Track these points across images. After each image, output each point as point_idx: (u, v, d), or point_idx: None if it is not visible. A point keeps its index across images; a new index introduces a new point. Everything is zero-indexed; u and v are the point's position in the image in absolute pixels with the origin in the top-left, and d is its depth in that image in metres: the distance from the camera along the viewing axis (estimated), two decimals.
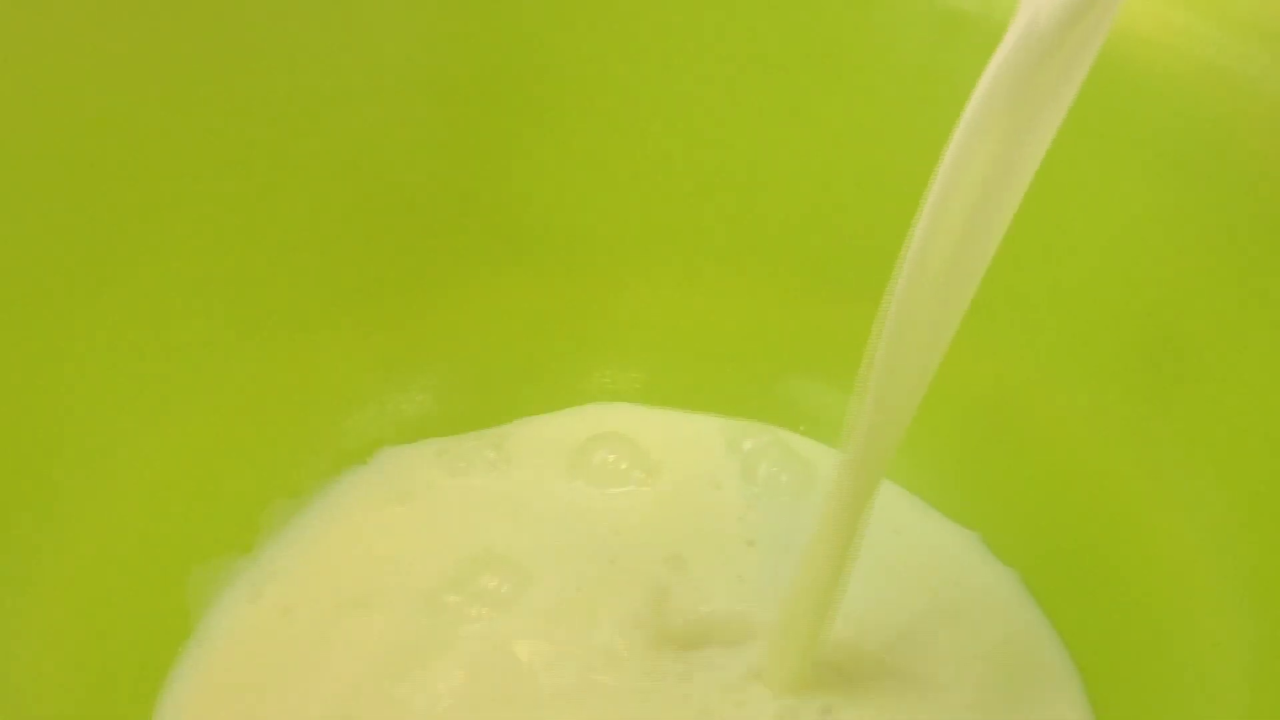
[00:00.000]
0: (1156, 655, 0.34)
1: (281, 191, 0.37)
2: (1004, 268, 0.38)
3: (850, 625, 0.36)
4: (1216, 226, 0.34)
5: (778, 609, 0.34)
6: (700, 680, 0.35)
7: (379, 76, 0.37)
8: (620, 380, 0.43)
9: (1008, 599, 0.38)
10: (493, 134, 0.39)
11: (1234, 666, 0.32)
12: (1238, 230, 0.33)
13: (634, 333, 0.42)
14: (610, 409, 0.42)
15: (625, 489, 0.40)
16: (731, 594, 0.37)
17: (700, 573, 0.37)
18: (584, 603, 0.36)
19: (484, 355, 0.42)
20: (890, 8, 0.36)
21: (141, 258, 0.35)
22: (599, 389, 0.42)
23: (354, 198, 0.38)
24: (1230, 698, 0.31)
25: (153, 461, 0.35)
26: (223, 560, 0.37)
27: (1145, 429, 0.35)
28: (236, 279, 0.37)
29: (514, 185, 0.40)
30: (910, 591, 0.38)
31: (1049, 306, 0.37)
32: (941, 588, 0.38)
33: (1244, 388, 0.33)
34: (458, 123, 0.38)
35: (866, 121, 0.38)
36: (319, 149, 0.37)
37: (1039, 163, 0.27)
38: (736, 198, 0.40)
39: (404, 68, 0.38)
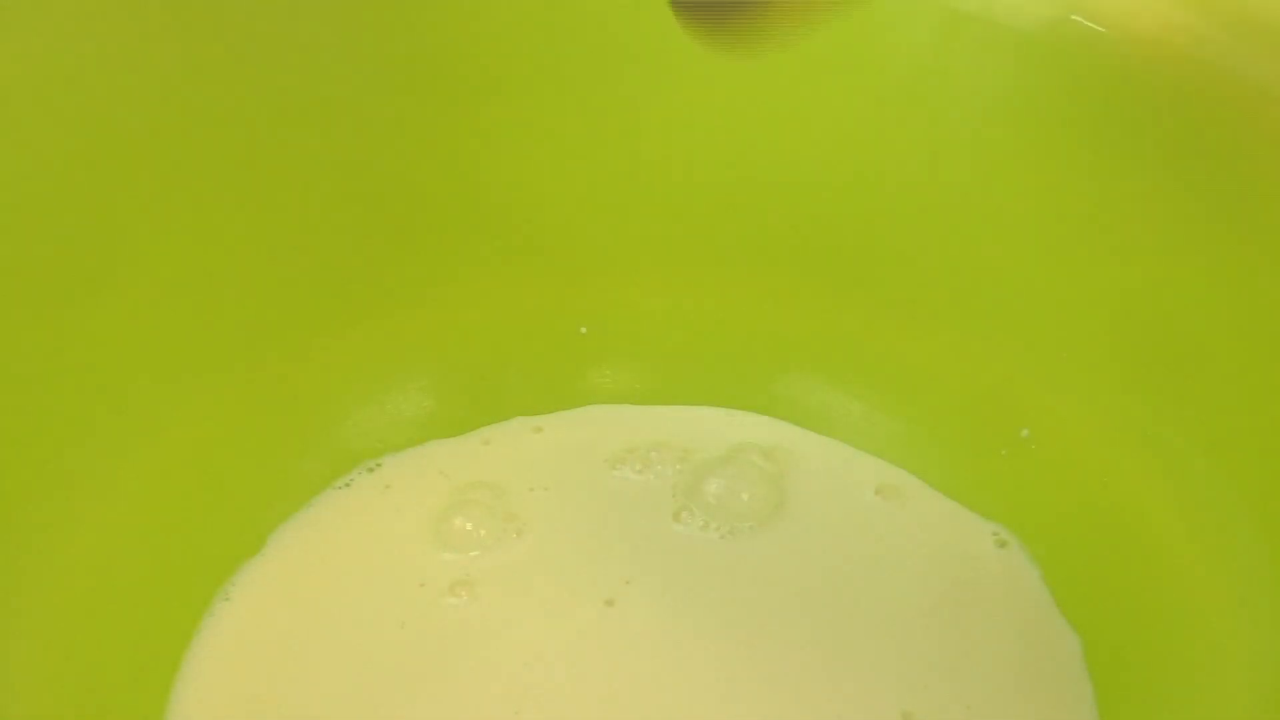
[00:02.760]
0: (1161, 646, 0.34)
1: (281, 193, 0.37)
2: (1009, 269, 0.38)
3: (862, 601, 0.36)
4: (1216, 226, 0.34)
5: None
6: None
7: (378, 77, 0.37)
8: (619, 380, 0.42)
9: (1022, 590, 0.38)
10: (492, 135, 0.39)
11: (1240, 661, 0.32)
12: (1237, 230, 0.33)
13: (633, 333, 0.42)
14: (609, 410, 0.42)
15: (625, 488, 0.40)
16: None
17: None
18: (582, 591, 0.37)
19: (484, 356, 0.42)
20: (890, 8, 0.36)
21: (142, 261, 0.35)
22: (598, 389, 0.42)
23: (354, 199, 0.38)
24: (1237, 692, 0.31)
25: (155, 466, 0.35)
26: (228, 562, 0.37)
27: (1150, 426, 0.35)
28: (237, 281, 0.37)
29: (514, 186, 0.39)
30: (926, 580, 0.38)
31: (1051, 306, 0.37)
32: (957, 578, 0.38)
33: (1246, 386, 0.33)
34: (457, 124, 0.38)
35: (866, 121, 0.38)
36: (318, 150, 0.37)
37: None
38: (736, 197, 0.40)
39: (403, 68, 0.37)
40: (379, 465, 0.40)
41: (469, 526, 0.38)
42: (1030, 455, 0.39)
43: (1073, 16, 0.34)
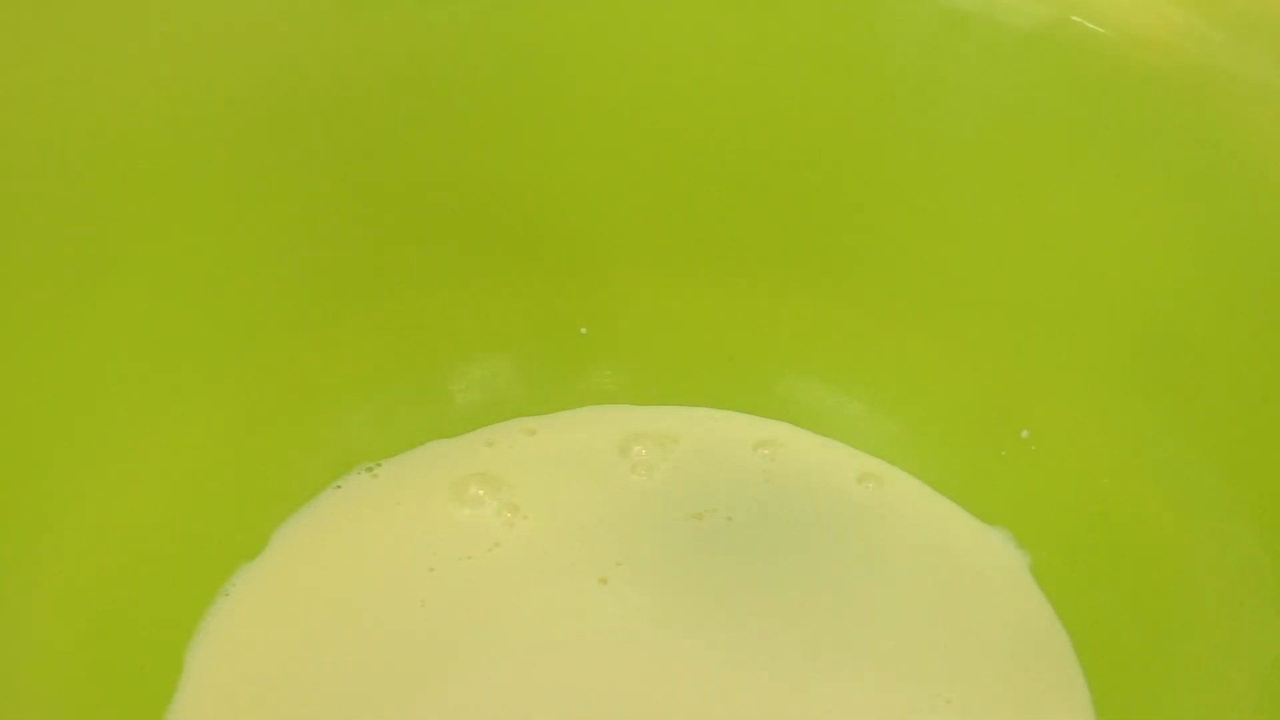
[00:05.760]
0: (1160, 648, 0.34)
1: (280, 192, 0.37)
2: (1009, 269, 0.38)
3: (861, 601, 0.37)
4: (1216, 226, 0.34)
5: None
6: None
7: (378, 77, 0.37)
8: (619, 380, 0.43)
9: (1019, 591, 0.38)
10: (492, 135, 0.39)
11: (1239, 661, 0.32)
12: (1237, 229, 0.33)
13: (633, 333, 0.42)
14: (609, 410, 0.42)
15: (624, 487, 0.40)
16: None
17: None
18: (585, 596, 0.37)
19: (484, 356, 0.42)
20: (890, 8, 0.36)
21: (142, 261, 0.35)
22: (598, 389, 0.42)
23: (354, 199, 0.38)
24: (1236, 692, 0.31)
25: (155, 465, 0.35)
26: (228, 562, 0.37)
27: (1150, 427, 0.35)
28: (237, 281, 0.37)
29: (514, 186, 0.39)
30: (921, 577, 0.38)
31: (1051, 306, 0.37)
32: (953, 577, 0.38)
33: (1245, 386, 0.33)
34: (457, 124, 0.38)
35: (866, 121, 0.38)
36: (318, 150, 0.37)
37: None
38: (736, 197, 0.40)
39: (404, 68, 0.37)
40: (379, 465, 0.40)
41: (468, 520, 0.38)
42: (1030, 456, 0.39)
43: (1073, 17, 0.34)
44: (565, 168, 0.40)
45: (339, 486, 0.39)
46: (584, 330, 0.42)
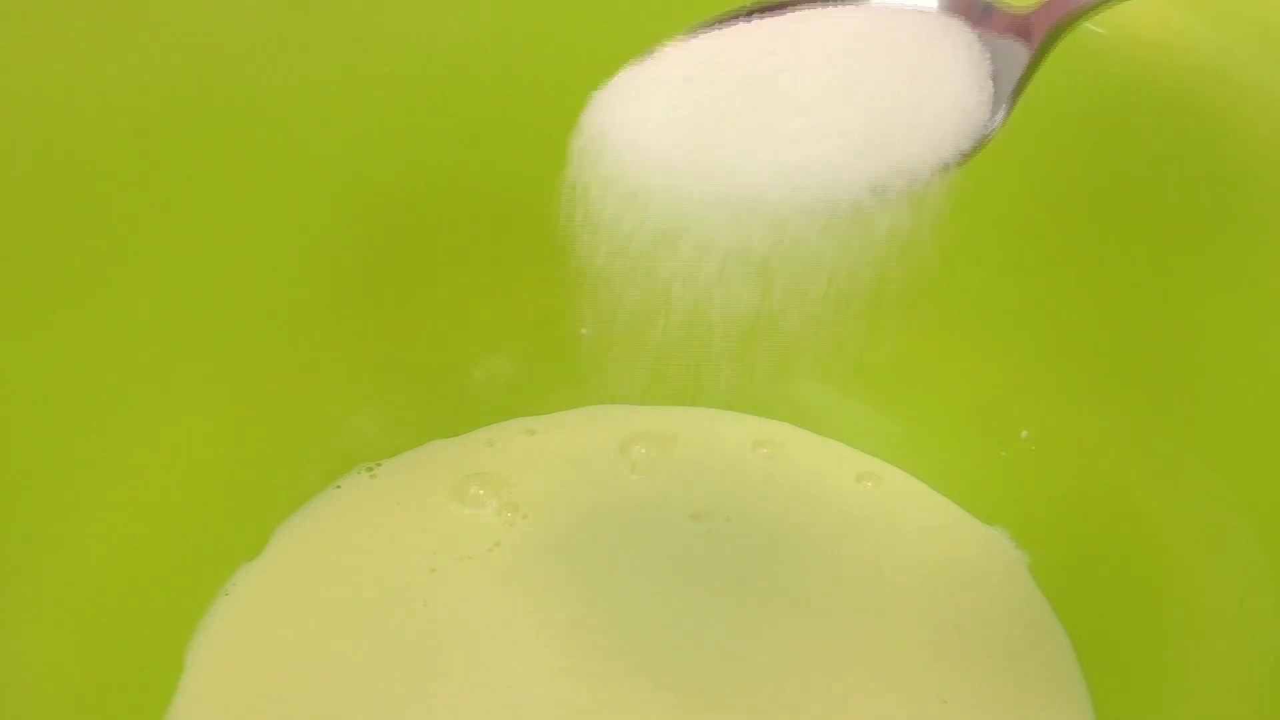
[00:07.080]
0: (1159, 648, 0.34)
1: (281, 193, 0.37)
2: (1008, 270, 0.38)
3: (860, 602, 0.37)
4: (1216, 227, 0.34)
5: None
6: None
7: (380, 79, 0.37)
8: (619, 381, 0.42)
9: (1017, 591, 0.38)
10: (492, 136, 0.39)
11: (1239, 661, 0.32)
12: (1237, 230, 0.33)
13: (633, 333, 0.42)
14: (608, 410, 0.42)
15: (624, 487, 0.40)
16: None
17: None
18: (578, 599, 0.37)
19: (484, 356, 0.42)
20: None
21: (142, 261, 0.35)
22: (598, 390, 0.42)
23: (354, 199, 0.38)
24: (1236, 692, 0.31)
25: (155, 466, 0.35)
26: (228, 562, 0.37)
27: (1149, 428, 0.35)
28: (237, 282, 0.37)
29: (513, 186, 0.39)
30: (920, 579, 0.38)
31: (1051, 307, 0.37)
32: (953, 578, 0.38)
33: (1244, 387, 0.33)
34: (457, 124, 0.38)
35: None
36: (319, 151, 0.37)
37: None
38: None
39: (405, 70, 0.38)
40: (379, 465, 0.40)
41: (468, 519, 0.38)
42: (1030, 456, 0.39)
43: None
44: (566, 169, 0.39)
45: (339, 486, 0.39)
46: (584, 330, 0.42)
